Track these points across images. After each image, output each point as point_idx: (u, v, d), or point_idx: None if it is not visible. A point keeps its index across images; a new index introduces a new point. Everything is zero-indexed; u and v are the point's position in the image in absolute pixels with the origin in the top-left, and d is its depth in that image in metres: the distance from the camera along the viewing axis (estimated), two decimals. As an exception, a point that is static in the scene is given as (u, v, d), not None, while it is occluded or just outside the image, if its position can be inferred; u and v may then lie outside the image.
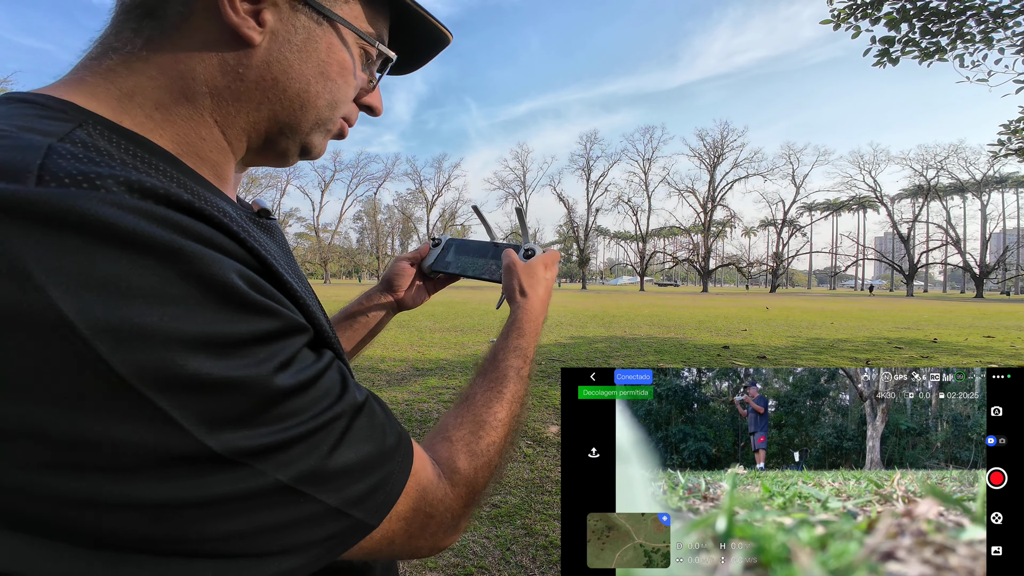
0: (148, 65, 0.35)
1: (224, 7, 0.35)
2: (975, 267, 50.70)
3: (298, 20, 0.39)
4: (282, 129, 0.41)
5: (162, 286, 0.24)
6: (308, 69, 0.40)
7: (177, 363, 0.23)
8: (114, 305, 0.22)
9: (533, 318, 0.58)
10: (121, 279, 0.23)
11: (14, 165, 0.23)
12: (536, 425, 3.84)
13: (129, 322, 0.22)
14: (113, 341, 0.22)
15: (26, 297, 0.21)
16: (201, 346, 0.24)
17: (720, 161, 59.37)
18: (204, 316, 0.25)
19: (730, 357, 7.01)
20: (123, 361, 0.22)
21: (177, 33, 0.36)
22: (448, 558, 2.11)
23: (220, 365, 0.25)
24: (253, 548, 0.27)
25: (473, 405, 0.47)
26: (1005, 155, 8.03)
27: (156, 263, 0.24)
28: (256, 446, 0.26)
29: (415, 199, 68.42)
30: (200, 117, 0.37)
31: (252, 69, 0.38)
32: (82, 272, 0.22)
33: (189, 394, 0.24)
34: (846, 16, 6.55)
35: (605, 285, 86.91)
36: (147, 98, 0.35)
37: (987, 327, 12.07)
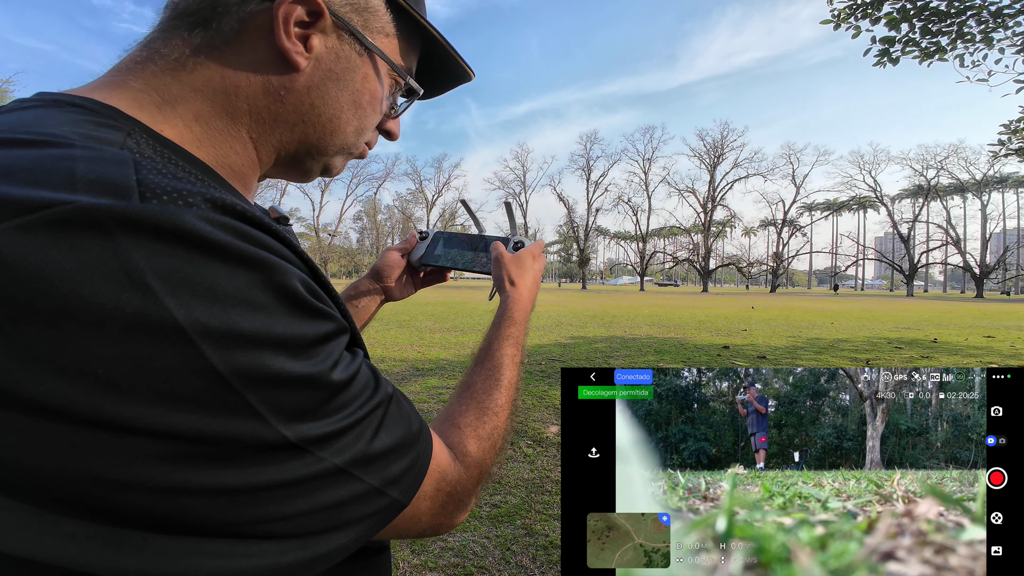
0: (193, 76, 0.36)
1: (279, 31, 0.37)
2: (975, 267, 50.69)
3: (342, 49, 0.41)
4: (310, 150, 0.43)
5: (250, 294, 0.26)
6: (344, 97, 0.42)
7: (263, 363, 0.26)
8: (215, 312, 0.25)
9: (523, 307, 0.61)
10: (220, 288, 0.25)
11: (114, 181, 0.25)
12: (536, 425, 3.84)
13: (227, 327, 0.25)
14: (215, 344, 0.25)
15: (145, 305, 0.23)
16: (280, 347, 0.27)
17: (720, 161, 59.38)
18: (282, 321, 0.27)
19: (730, 357, 7.01)
20: (222, 361, 0.25)
21: (228, 48, 0.37)
22: (448, 558, 2.11)
23: (294, 364, 0.28)
24: (311, 527, 0.29)
25: (475, 393, 0.49)
26: (1005, 155, 8.03)
27: (244, 273, 0.27)
28: (319, 435, 0.29)
29: (415, 199, 68.48)
30: (237, 133, 0.38)
31: (293, 93, 0.39)
32: (189, 282, 0.24)
33: (271, 390, 0.27)
34: (846, 16, 6.55)
35: (605, 285, 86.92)
36: (188, 109, 0.36)
37: (987, 327, 12.07)
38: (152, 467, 0.24)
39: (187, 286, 0.24)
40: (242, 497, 0.26)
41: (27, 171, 0.24)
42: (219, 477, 0.25)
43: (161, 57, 0.36)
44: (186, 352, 0.24)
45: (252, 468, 0.26)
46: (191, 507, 0.25)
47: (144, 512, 0.24)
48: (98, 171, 0.25)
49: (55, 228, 0.22)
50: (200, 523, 0.26)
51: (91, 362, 0.22)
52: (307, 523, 0.29)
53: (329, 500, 0.30)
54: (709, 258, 58.56)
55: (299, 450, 0.28)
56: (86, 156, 0.26)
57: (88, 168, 0.25)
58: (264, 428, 0.26)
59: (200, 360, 0.24)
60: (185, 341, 0.24)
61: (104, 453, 0.23)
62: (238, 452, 0.26)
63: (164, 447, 0.24)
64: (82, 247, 0.23)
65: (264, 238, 0.29)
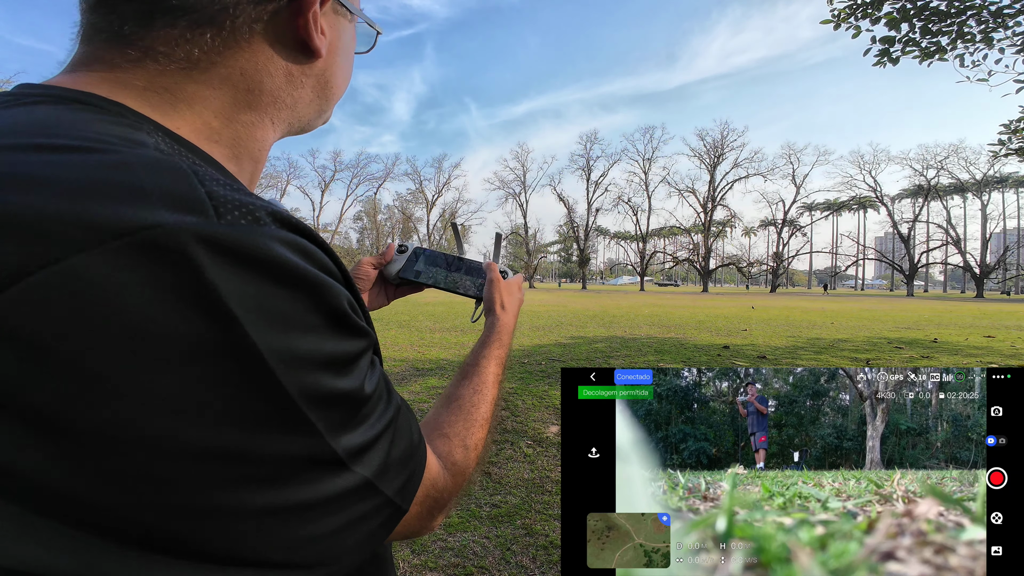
0: (210, 75, 0.36)
1: (309, 28, 0.38)
2: (975, 267, 50.69)
3: (339, 23, 0.43)
4: (319, 114, 0.46)
5: (307, 317, 0.27)
6: (345, 64, 0.45)
7: (319, 382, 0.27)
8: (283, 335, 0.26)
9: (509, 330, 0.64)
10: (286, 312, 0.26)
11: (185, 195, 0.25)
12: (536, 425, 3.84)
13: (292, 349, 0.26)
14: (284, 366, 0.25)
15: (228, 334, 0.24)
16: (330, 365, 0.28)
17: (720, 161, 59.33)
18: (330, 341, 0.28)
19: (730, 357, 7.02)
20: (290, 382, 0.26)
21: (247, 46, 0.37)
22: (448, 558, 2.11)
23: (339, 381, 0.29)
24: (342, 546, 0.30)
25: (463, 405, 0.51)
26: (1005, 155, 8.03)
27: (305, 296, 0.27)
28: (354, 447, 0.30)
29: (415, 199, 68.42)
30: (261, 122, 0.40)
31: (312, 76, 0.42)
32: (263, 307, 0.25)
33: (325, 408, 0.28)
34: (846, 16, 6.55)
35: (605, 285, 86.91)
36: (206, 107, 0.36)
37: (987, 327, 12.07)
38: (213, 490, 0.24)
39: (261, 312, 0.25)
40: (289, 519, 0.26)
41: (94, 184, 0.24)
42: (278, 497, 0.26)
43: (161, 56, 0.35)
44: (262, 376, 0.25)
45: (304, 487, 0.27)
46: (240, 531, 0.25)
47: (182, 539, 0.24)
48: (164, 183, 0.25)
49: (142, 253, 0.22)
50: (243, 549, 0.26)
51: (170, 387, 0.23)
52: (337, 543, 0.29)
53: (356, 514, 0.30)
54: (709, 258, 58.53)
55: (342, 465, 0.29)
56: (142, 163, 0.26)
57: (153, 180, 0.25)
58: (320, 445, 0.27)
59: (273, 382, 0.25)
60: (262, 365, 0.25)
61: (168, 479, 0.23)
62: (296, 469, 0.27)
63: (231, 470, 0.24)
64: (168, 271, 0.23)
65: (319, 254, 0.30)
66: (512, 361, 6.36)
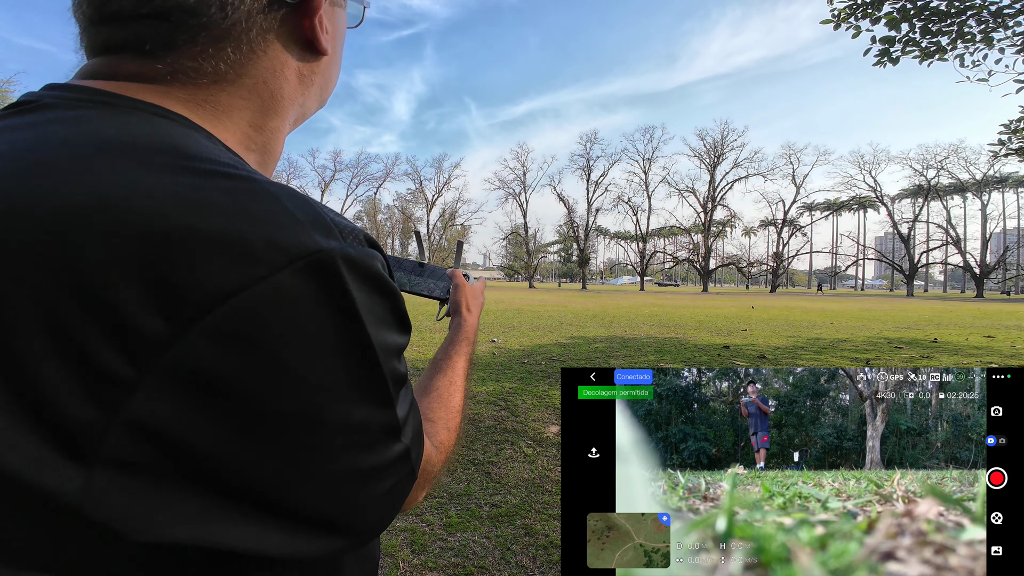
0: (238, 87, 0.39)
1: (316, 31, 0.40)
2: (975, 267, 50.66)
3: (336, 14, 0.44)
4: (319, 105, 0.49)
5: (390, 317, 0.34)
6: (340, 51, 0.47)
7: (396, 367, 0.35)
8: (382, 331, 0.33)
9: (474, 329, 0.71)
10: (384, 314, 0.33)
11: (323, 223, 0.31)
12: (536, 425, 3.84)
13: (386, 342, 0.33)
14: (385, 355, 0.33)
15: (357, 332, 0.31)
16: (399, 354, 0.35)
17: (720, 161, 59.28)
18: (401, 336, 0.35)
19: (730, 357, 7.02)
20: (387, 368, 0.33)
21: (264, 56, 0.39)
22: (448, 558, 2.11)
23: (401, 366, 0.36)
24: (390, 509, 0.36)
25: (441, 395, 0.57)
26: (1005, 155, 8.02)
27: (390, 303, 0.34)
28: (402, 418, 0.35)
29: (415, 199, 68.35)
30: (285, 125, 0.43)
31: (318, 73, 0.44)
32: (373, 311, 0.32)
33: (397, 385, 0.34)
34: (846, 16, 6.55)
35: (605, 285, 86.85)
36: (243, 117, 0.39)
37: (987, 327, 12.07)
38: (336, 455, 0.30)
39: (373, 313, 0.32)
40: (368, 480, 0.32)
41: (266, 212, 0.29)
42: (366, 459, 0.32)
43: (191, 72, 0.36)
44: (373, 364, 0.32)
45: (382, 451, 0.33)
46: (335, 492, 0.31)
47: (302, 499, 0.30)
48: (307, 212, 0.31)
49: (316, 271, 0.29)
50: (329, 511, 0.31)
51: (326, 376, 0.29)
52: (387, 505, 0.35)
53: (399, 477, 0.36)
54: (709, 258, 58.50)
55: (399, 435, 0.35)
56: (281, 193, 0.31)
57: (299, 209, 0.31)
58: (393, 415, 0.34)
59: (378, 370, 0.32)
60: (372, 353, 0.32)
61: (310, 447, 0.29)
62: (381, 437, 0.33)
63: (348, 437, 0.31)
64: (329, 286, 0.29)
65: (387, 267, 0.36)
66: (512, 361, 6.37)
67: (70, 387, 0.24)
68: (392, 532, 2.30)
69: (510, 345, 7.90)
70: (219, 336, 0.25)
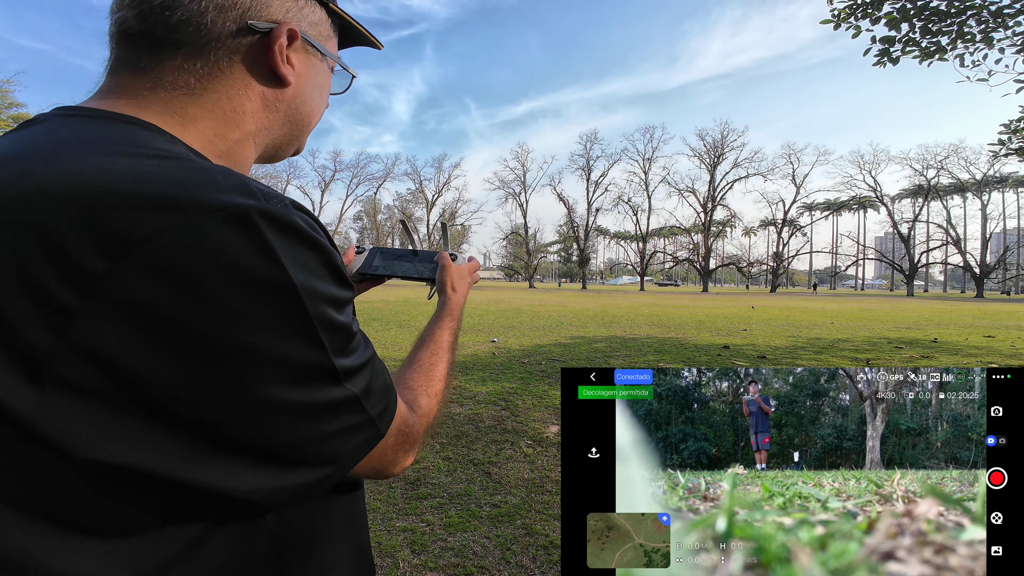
0: (204, 99, 0.45)
1: (276, 59, 0.46)
2: (975, 267, 50.63)
3: (309, 59, 0.51)
4: (290, 141, 0.54)
5: (320, 267, 0.38)
6: (315, 96, 0.53)
7: (328, 313, 0.38)
8: (308, 277, 0.36)
9: (459, 306, 0.75)
10: (308, 262, 0.37)
11: (248, 187, 0.36)
12: (536, 425, 3.84)
13: (314, 288, 0.37)
14: (310, 298, 0.36)
15: (278, 274, 0.34)
16: (332, 303, 0.38)
17: (720, 161, 59.23)
18: (333, 286, 0.39)
19: (730, 357, 7.02)
20: (313, 310, 0.36)
21: (228, 74, 0.46)
22: (448, 558, 2.11)
23: (339, 315, 0.39)
24: (336, 451, 0.39)
25: (422, 365, 0.60)
26: (1005, 155, 8.02)
27: (317, 254, 0.38)
28: (349, 367, 0.39)
29: (415, 199, 68.31)
30: (246, 140, 0.48)
31: (283, 102, 0.50)
32: (296, 258, 0.36)
33: (330, 332, 0.38)
34: (846, 16, 6.54)
35: (605, 285, 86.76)
36: (207, 127, 0.45)
37: (987, 327, 12.07)
38: (264, 385, 0.34)
39: (295, 260, 0.35)
40: (304, 416, 0.36)
41: (192, 179, 0.34)
42: (297, 394, 0.36)
43: (168, 85, 0.44)
44: (298, 304, 0.35)
45: (316, 390, 0.37)
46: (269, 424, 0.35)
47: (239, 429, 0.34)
48: (232, 180, 0.36)
49: (232, 220, 0.33)
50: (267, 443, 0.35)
51: (248, 311, 0.33)
52: (333, 447, 0.39)
53: (347, 424, 0.40)
54: (709, 258, 58.46)
55: (339, 379, 0.39)
56: (211, 167, 0.37)
57: (224, 177, 0.36)
58: (326, 358, 0.37)
59: (303, 310, 0.36)
60: (296, 296, 0.35)
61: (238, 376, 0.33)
62: (313, 375, 0.37)
63: (275, 369, 0.34)
64: (245, 233, 0.33)
65: (320, 228, 0.40)
66: (512, 361, 6.37)
67: (25, 316, 0.29)
68: (392, 532, 2.30)
69: (510, 345, 7.90)
70: (145, 270, 0.31)
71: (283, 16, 0.47)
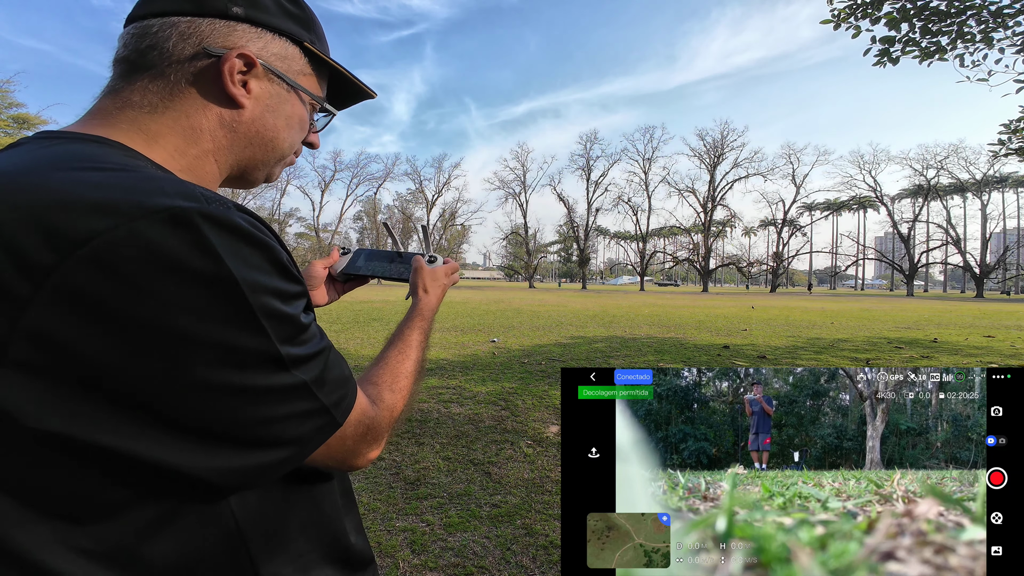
0: (165, 118, 0.50)
1: (226, 81, 0.50)
2: (975, 267, 50.62)
3: (273, 88, 0.54)
4: (256, 164, 0.57)
5: (263, 263, 0.41)
6: (279, 123, 0.56)
7: (271, 304, 0.40)
8: (249, 271, 0.39)
9: (431, 308, 0.78)
10: (250, 258, 0.40)
11: (190, 192, 0.39)
12: (536, 425, 3.84)
13: (256, 281, 0.39)
14: (250, 290, 0.39)
15: (217, 268, 0.37)
16: (277, 295, 0.41)
17: (720, 161, 59.20)
18: (277, 280, 0.42)
19: (730, 357, 7.01)
20: (254, 302, 0.39)
21: (186, 95, 0.50)
22: (448, 558, 2.11)
23: (284, 307, 0.41)
24: (285, 435, 0.42)
25: (389, 362, 0.63)
26: (1005, 155, 8.02)
27: (260, 250, 0.41)
28: (297, 356, 0.42)
29: (415, 199, 68.27)
30: (205, 157, 0.52)
31: (242, 124, 0.53)
32: (238, 254, 0.39)
33: (274, 322, 0.40)
34: (846, 16, 6.54)
35: (605, 285, 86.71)
36: (168, 143, 0.49)
37: (987, 327, 12.07)
38: (203, 368, 0.37)
39: (236, 255, 0.38)
40: (246, 399, 0.39)
41: (137, 186, 0.38)
42: (238, 377, 0.38)
43: (135, 105, 0.49)
44: (237, 295, 0.38)
45: (258, 374, 0.39)
46: (211, 405, 0.37)
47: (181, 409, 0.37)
48: (177, 187, 0.39)
49: (172, 221, 0.36)
50: (212, 424, 0.38)
51: (185, 300, 0.36)
52: (282, 430, 0.41)
53: (296, 410, 0.42)
54: (709, 258, 58.44)
55: (284, 366, 0.41)
56: (161, 177, 0.41)
57: (171, 185, 0.40)
58: (270, 346, 0.40)
59: (243, 300, 0.38)
60: (237, 288, 0.38)
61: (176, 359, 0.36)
62: (254, 361, 0.39)
63: (213, 354, 0.37)
64: (184, 232, 0.37)
65: (264, 228, 0.43)
66: (512, 361, 6.37)
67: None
68: (392, 532, 2.30)
69: (510, 345, 7.90)
70: (89, 264, 0.34)
71: (242, 45, 0.51)
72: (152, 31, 0.49)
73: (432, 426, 3.77)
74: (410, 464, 3.10)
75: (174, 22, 0.49)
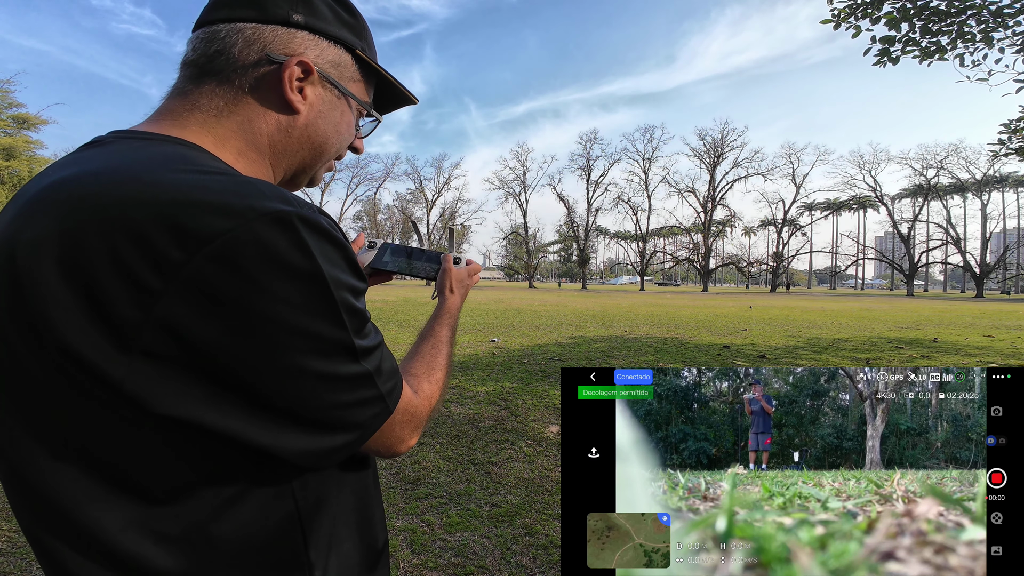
0: (230, 122, 0.52)
1: (286, 87, 0.52)
2: (975, 267, 50.60)
3: (326, 94, 0.56)
4: (305, 169, 0.60)
5: (341, 261, 0.44)
6: (329, 129, 0.58)
7: (348, 298, 0.44)
8: (333, 268, 0.43)
9: (457, 307, 0.82)
10: (334, 256, 0.43)
11: (285, 196, 0.43)
12: (536, 425, 3.84)
13: (337, 276, 0.43)
14: (335, 285, 0.43)
15: (311, 265, 0.41)
16: (352, 291, 0.45)
17: (720, 161, 59.17)
18: (352, 277, 0.46)
19: (730, 357, 7.01)
20: (337, 296, 0.43)
21: (249, 100, 0.53)
22: (448, 558, 2.11)
23: (356, 302, 0.45)
24: (352, 420, 0.45)
25: (423, 356, 0.66)
26: (1005, 154, 8.01)
27: (339, 249, 0.44)
28: (364, 347, 0.46)
29: (415, 199, 68.24)
30: (262, 160, 0.55)
31: (296, 129, 0.55)
32: (324, 253, 0.42)
33: (350, 315, 0.44)
34: (846, 16, 6.54)
35: (605, 285, 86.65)
36: (233, 145, 0.52)
37: (987, 327, 12.07)
38: (296, 355, 0.41)
39: (323, 254, 0.42)
40: (327, 386, 0.43)
41: (243, 189, 0.41)
42: (322, 365, 0.42)
43: (203, 108, 0.52)
44: (326, 290, 0.42)
45: (338, 363, 0.43)
46: (299, 390, 0.41)
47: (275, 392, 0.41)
48: (273, 191, 0.43)
49: (279, 223, 0.40)
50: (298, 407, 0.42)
51: (287, 293, 0.40)
52: (349, 415, 0.45)
53: (362, 397, 0.46)
54: (709, 258, 58.41)
55: (357, 357, 0.45)
56: (255, 180, 0.44)
57: (267, 188, 0.43)
58: (347, 337, 0.44)
59: (330, 295, 0.42)
60: (324, 283, 0.42)
61: (277, 346, 0.40)
62: (335, 350, 0.43)
63: (305, 342, 0.41)
64: (288, 232, 0.40)
65: (339, 229, 0.47)
66: (512, 361, 6.37)
67: (121, 296, 0.37)
68: (392, 532, 2.30)
69: (510, 345, 7.90)
70: (214, 261, 0.37)
71: (301, 52, 0.53)
72: (220, 36, 0.52)
73: (432, 426, 3.77)
74: (410, 464, 3.10)
75: (240, 28, 0.52)
